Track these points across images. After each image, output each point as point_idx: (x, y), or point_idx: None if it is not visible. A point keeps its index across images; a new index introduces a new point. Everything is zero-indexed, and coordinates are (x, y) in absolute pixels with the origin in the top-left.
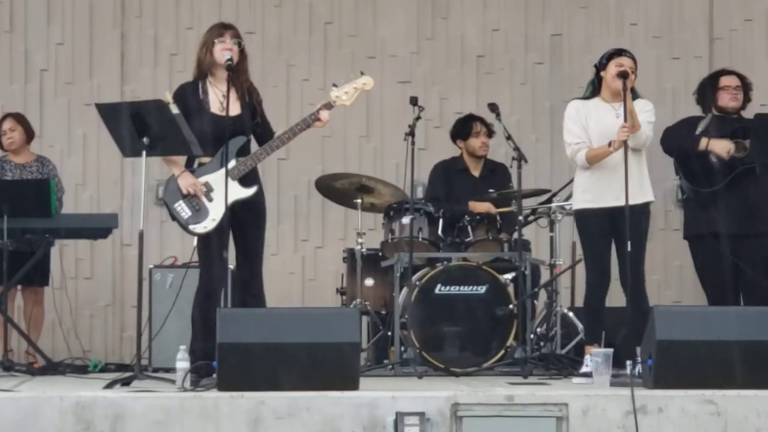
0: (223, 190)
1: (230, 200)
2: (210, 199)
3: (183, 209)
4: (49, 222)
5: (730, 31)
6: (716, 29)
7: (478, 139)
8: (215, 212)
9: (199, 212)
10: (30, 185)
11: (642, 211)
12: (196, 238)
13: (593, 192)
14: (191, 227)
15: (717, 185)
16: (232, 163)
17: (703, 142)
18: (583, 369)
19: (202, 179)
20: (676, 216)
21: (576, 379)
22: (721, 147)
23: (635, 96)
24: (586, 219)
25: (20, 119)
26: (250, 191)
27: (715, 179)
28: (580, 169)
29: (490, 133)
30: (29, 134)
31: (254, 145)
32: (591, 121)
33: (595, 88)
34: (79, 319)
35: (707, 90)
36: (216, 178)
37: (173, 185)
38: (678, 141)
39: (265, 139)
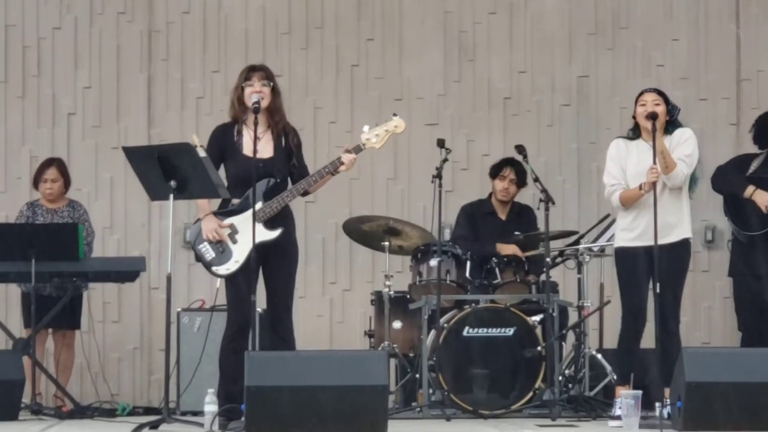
0: (247, 233)
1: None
2: (234, 241)
3: (207, 251)
4: (76, 265)
5: (757, 72)
6: (743, 70)
7: (502, 183)
8: (238, 254)
9: (223, 254)
10: (57, 229)
11: (681, 249)
12: (220, 281)
13: (632, 230)
14: (214, 269)
15: (761, 230)
16: (258, 205)
17: (749, 190)
18: (616, 411)
19: (228, 221)
20: (704, 257)
21: (612, 422)
22: (763, 200)
23: (676, 126)
24: (625, 257)
25: (63, 170)
26: (274, 234)
27: (760, 223)
28: (619, 208)
29: (520, 183)
30: (67, 184)
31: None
32: (630, 161)
33: (636, 131)
34: (107, 362)
35: (765, 128)
36: (241, 221)
37: (198, 227)
38: (727, 184)
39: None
